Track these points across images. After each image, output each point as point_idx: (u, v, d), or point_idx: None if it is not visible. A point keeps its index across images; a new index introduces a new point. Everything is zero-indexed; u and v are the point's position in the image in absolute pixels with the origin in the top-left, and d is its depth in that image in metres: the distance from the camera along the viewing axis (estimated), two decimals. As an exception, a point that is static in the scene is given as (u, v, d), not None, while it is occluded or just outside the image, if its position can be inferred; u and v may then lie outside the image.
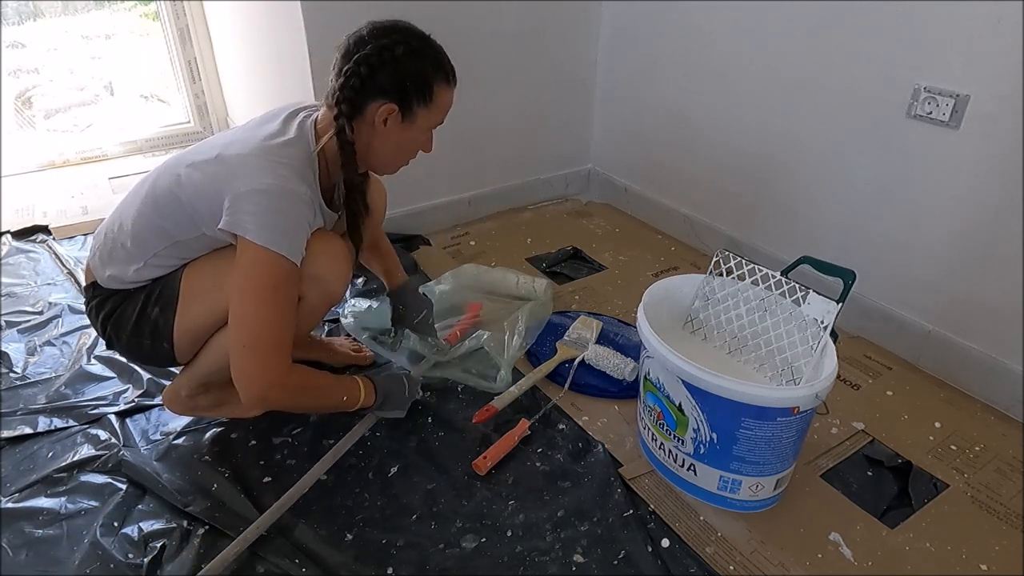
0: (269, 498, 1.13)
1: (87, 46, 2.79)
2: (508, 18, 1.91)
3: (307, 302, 1.13)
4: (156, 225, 1.09)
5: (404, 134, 1.11)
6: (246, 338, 1.01)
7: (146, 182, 1.13)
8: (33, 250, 1.92)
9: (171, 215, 1.07)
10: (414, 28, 1.09)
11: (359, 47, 1.04)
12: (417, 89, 1.07)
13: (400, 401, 1.27)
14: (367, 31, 1.06)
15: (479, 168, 2.10)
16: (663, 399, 1.10)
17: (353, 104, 1.05)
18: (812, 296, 1.09)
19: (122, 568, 1.01)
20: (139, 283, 1.13)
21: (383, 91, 1.05)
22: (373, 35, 1.05)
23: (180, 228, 1.07)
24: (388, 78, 1.05)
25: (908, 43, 1.36)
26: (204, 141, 1.13)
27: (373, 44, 1.04)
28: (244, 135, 1.08)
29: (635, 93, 2.07)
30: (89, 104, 2.76)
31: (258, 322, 1.01)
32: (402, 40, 1.05)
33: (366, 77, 1.04)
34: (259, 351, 1.02)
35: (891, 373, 1.48)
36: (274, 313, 1.02)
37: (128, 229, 1.11)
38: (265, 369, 1.02)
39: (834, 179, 1.58)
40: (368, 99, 1.06)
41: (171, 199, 1.06)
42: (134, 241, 1.10)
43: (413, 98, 1.08)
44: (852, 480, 1.20)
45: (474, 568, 1.03)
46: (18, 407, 1.32)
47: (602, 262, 1.91)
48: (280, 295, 1.02)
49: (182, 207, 1.05)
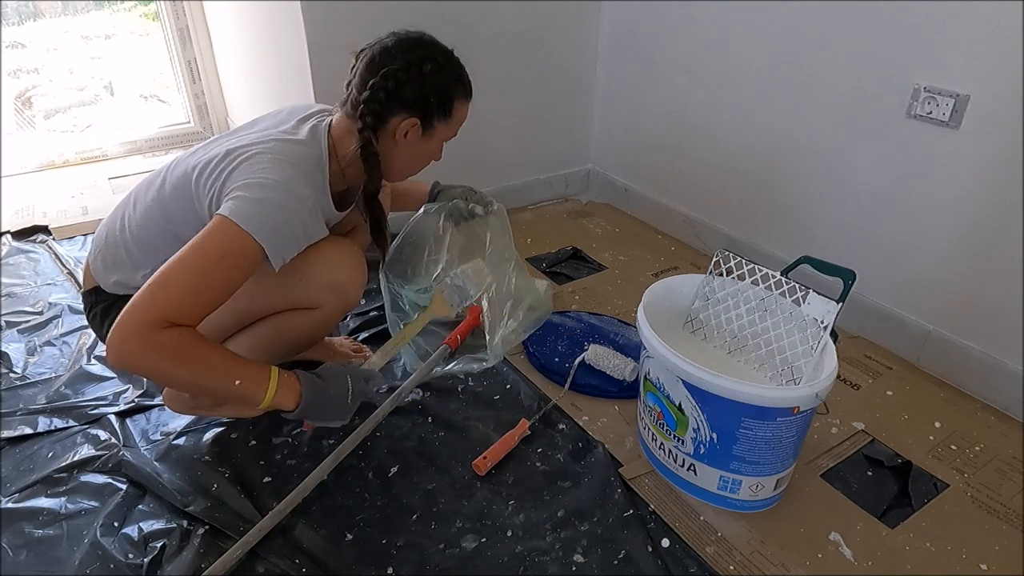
0: (269, 498, 1.13)
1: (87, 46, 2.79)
2: (508, 18, 1.91)
3: (324, 310, 1.13)
4: (166, 231, 1.08)
5: (421, 146, 1.13)
6: (151, 283, 0.91)
7: (150, 187, 1.12)
8: (33, 250, 1.92)
9: (182, 219, 1.06)
10: (438, 43, 1.10)
11: (386, 60, 1.05)
12: (439, 104, 1.09)
13: (338, 408, 1.06)
14: (393, 44, 1.06)
15: (479, 168, 2.09)
16: (663, 399, 1.10)
17: (378, 116, 1.06)
18: (812, 296, 1.09)
19: (122, 568, 1.01)
20: None
21: (407, 105, 1.06)
22: (400, 48, 1.05)
23: (192, 232, 1.06)
24: (414, 93, 1.06)
25: (908, 43, 1.36)
26: (210, 142, 1.13)
27: (401, 58, 1.04)
28: (254, 132, 1.08)
29: (635, 93, 2.07)
30: (89, 104, 2.76)
31: (174, 275, 0.91)
32: (429, 56, 1.06)
33: (392, 91, 1.04)
34: (147, 298, 0.90)
35: (891, 373, 1.48)
36: (197, 277, 0.92)
37: (134, 235, 1.10)
38: (137, 315, 0.89)
39: (834, 179, 1.58)
40: (392, 112, 1.07)
41: (182, 204, 1.06)
42: (140, 247, 1.10)
43: (434, 113, 1.09)
44: (852, 480, 1.20)
45: (474, 568, 1.03)
46: (18, 407, 1.32)
47: (602, 262, 1.91)
48: (220, 267, 0.93)
49: (193, 209, 1.05)
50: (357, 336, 1.56)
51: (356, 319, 1.61)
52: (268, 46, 1.96)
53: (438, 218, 1.44)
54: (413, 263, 1.45)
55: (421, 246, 1.44)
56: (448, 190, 1.48)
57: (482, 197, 1.48)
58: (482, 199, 1.47)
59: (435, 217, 1.44)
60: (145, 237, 1.09)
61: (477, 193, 1.48)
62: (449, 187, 1.49)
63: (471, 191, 1.48)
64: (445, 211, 1.45)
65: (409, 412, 1.33)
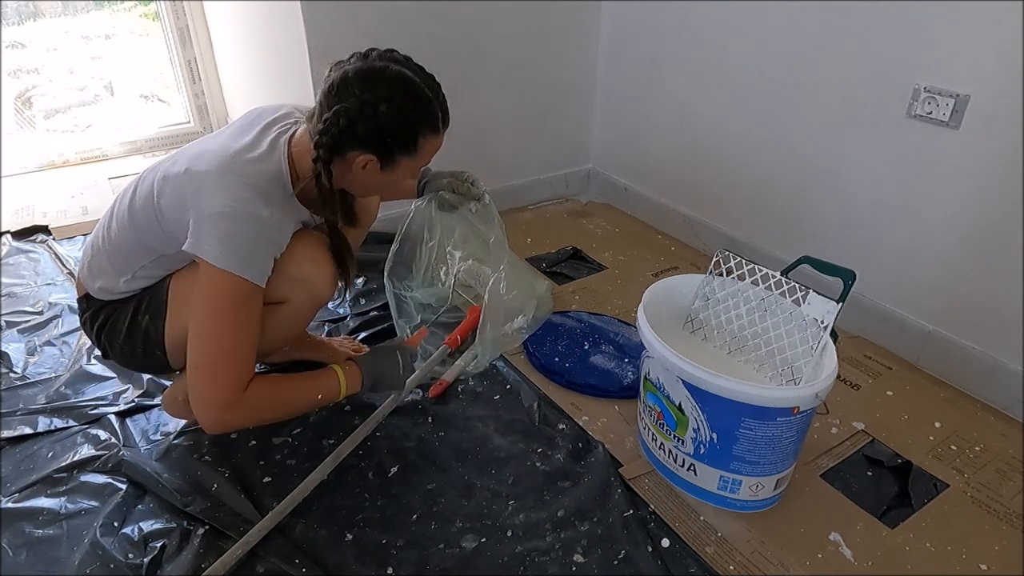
0: (269, 498, 1.13)
1: (87, 46, 2.79)
2: (508, 18, 1.91)
3: (293, 304, 1.12)
4: (137, 240, 1.08)
5: (386, 178, 1.09)
6: (201, 360, 1.00)
7: (125, 196, 1.12)
8: (33, 250, 1.92)
9: (149, 230, 1.06)
10: (404, 75, 1.00)
11: (341, 94, 0.99)
12: (399, 142, 1.03)
13: (394, 379, 1.21)
14: (353, 74, 0.99)
15: (479, 168, 2.08)
16: (663, 399, 1.10)
17: (331, 150, 1.01)
18: (812, 296, 1.09)
19: (122, 568, 1.01)
20: (129, 293, 1.13)
21: (362, 143, 1.01)
22: (358, 82, 0.98)
23: (161, 243, 1.07)
24: (368, 133, 1.00)
25: (908, 43, 1.36)
26: (181, 148, 1.12)
27: (356, 96, 0.98)
28: (214, 146, 1.06)
29: (635, 93, 2.07)
30: (89, 104, 2.76)
31: (214, 344, 1.00)
32: (385, 96, 0.98)
33: (344, 128, 0.99)
34: (209, 375, 1.00)
35: (891, 373, 1.48)
36: (231, 335, 1.00)
37: (111, 243, 1.11)
38: (218, 390, 1.00)
39: (834, 179, 1.58)
40: (347, 148, 1.02)
41: (148, 214, 1.05)
42: (118, 255, 1.10)
43: (395, 150, 1.04)
44: (852, 480, 1.20)
45: (474, 568, 1.03)
46: (18, 407, 1.32)
47: (602, 262, 1.91)
48: (240, 316, 1.00)
49: (159, 222, 1.05)
50: (357, 336, 1.55)
51: (356, 319, 1.61)
52: (268, 46, 1.96)
53: (429, 209, 1.43)
54: (413, 259, 1.45)
55: (416, 243, 1.44)
56: (435, 180, 1.43)
57: (469, 188, 1.42)
58: (469, 190, 1.42)
59: (426, 209, 1.44)
60: (120, 246, 1.10)
61: (465, 182, 1.42)
62: (437, 175, 1.44)
63: (458, 180, 1.42)
64: (435, 202, 1.43)
65: (409, 412, 1.33)
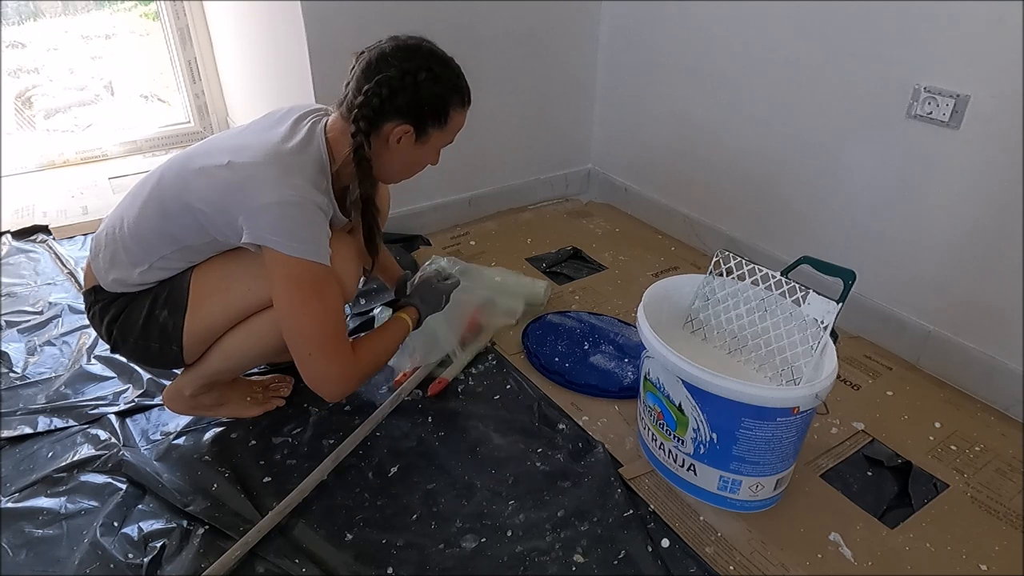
0: (269, 498, 1.13)
1: (87, 46, 2.79)
2: (508, 18, 1.91)
3: None
4: (162, 229, 1.08)
5: (416, 152, 1.14)
6: (310, 347, 1.05)
7: (147, 183, 1.12)
8: (33, 250, 1.92)
9: (178, 220, 1.07)
10: (436, 51, 1.09)
11: (381, 67, 1.05)
12: (433, 113, 1.09)
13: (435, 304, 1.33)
14: (390, 49, 1.06)
15: (479, 168, 2.09)
16: (663, 399, 1.10)
17: (371, 122, 1.06)
18: (812, 296, 1.09)
19: (122, 568, 1.01)
20: (144, 286, 1.12)
21: (400, 113, 1.07)
22: (396, 55, 1.05)
23: (189, 233, 1.07)
24: (407, 101, 1.06)
25: (908, 43, 1.36)
26: (208, 141, 1.13)
27: (396, 67, 1.04)
28: (254, 140, 1.07)
29: (635, 93, 2.07)
30: (89, 104, 2.76)
31: (315, 329, 1.04)
32: (424, 65, 1.05)
33: (386, 98, 1.05)
34: (326, 355, 1.05)
35: (891, 373, 1.48)
36: (324, 315, 1.04)
37: (131, 232, 1.10)
38: (338, 367, 1.07)
39: (834, 179, 1.58)
40: (385, 119, 1.07)
41: (180, 205, 1.06)
42: (138, 244, 1.10)
43: (429, 121, 1.09)
44: (852, 480, 1.20)
45: (474, 568, 1.03)
46: (18, 407, 1.32)
47: (602, 262, 1.91)
48: (325, 296, 1.04)
49: (192, 213, 1.05)
50: (357, 336, 1.55)
51: (356, 319, 1.61)
52: (268, 46, 1.96)
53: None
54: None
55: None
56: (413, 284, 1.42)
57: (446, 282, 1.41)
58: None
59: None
60: (142, 234, 1.09)
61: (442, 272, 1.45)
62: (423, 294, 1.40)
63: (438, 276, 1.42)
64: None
65: (409, 412, 1.33)
